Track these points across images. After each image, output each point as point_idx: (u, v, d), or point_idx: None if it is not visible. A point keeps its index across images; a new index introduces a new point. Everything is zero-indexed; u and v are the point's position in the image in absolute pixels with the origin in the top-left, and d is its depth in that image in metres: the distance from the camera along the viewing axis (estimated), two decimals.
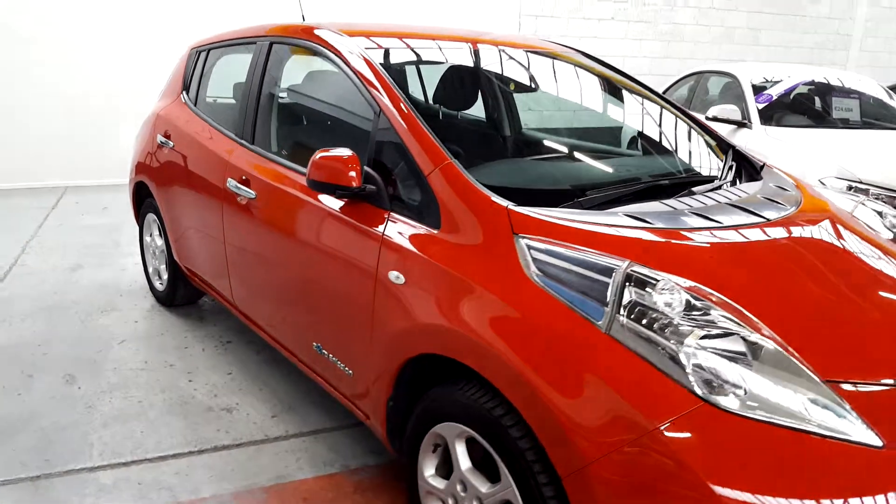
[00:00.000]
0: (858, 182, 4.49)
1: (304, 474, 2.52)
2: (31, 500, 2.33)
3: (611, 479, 1.48)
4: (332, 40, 2.57)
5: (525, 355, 1.64)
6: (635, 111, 3.01)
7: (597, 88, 3.09)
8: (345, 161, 2.11)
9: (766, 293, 1.74)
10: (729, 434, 1.43)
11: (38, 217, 5.86)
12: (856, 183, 4.48)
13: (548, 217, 1.86)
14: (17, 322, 3.73)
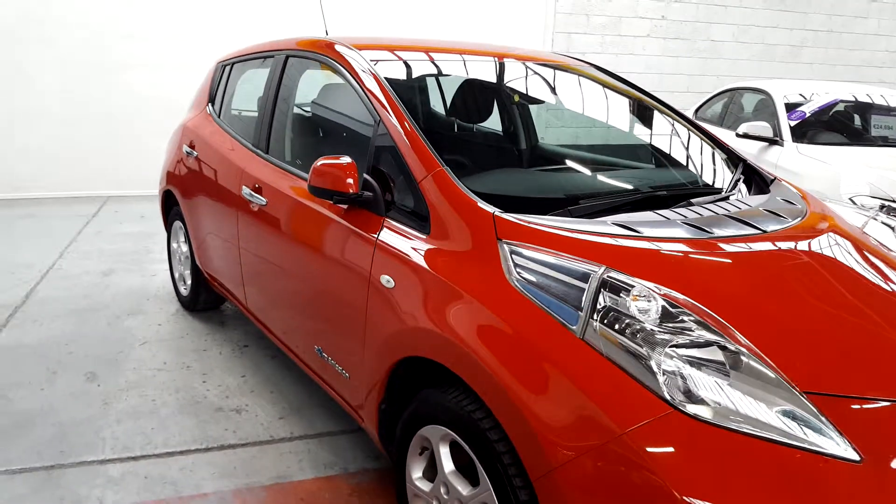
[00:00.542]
0: (891, 200, 4.40)
1: (304, 475, 2.57)
2: (44, 487, 2.44)
3: (579, 483, 1.49)
4: (341, 53, 2.65)
5: (501, 359, 1.66)
6: (645, 124, 3.01)
7: (607, 101, 3.11)
8: (343, 168, 2.18)
9: (748, 304, 1.73)
10: (700, 443, 1.42)
11: (79, 224, 6.09)
12: (888, 201, 4.39)
13: (533, 224, 1.89)
14: (48, 322, 3.89)
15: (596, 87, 3.08)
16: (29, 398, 3.04)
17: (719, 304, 1.67)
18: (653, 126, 2.98)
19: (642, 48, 9.21)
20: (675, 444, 1.42)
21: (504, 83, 2.97)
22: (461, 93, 2.88)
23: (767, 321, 1.68)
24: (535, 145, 3.15)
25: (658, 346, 1.52)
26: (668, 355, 1.51)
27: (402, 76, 2.60)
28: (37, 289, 4.42)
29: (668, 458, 1.41)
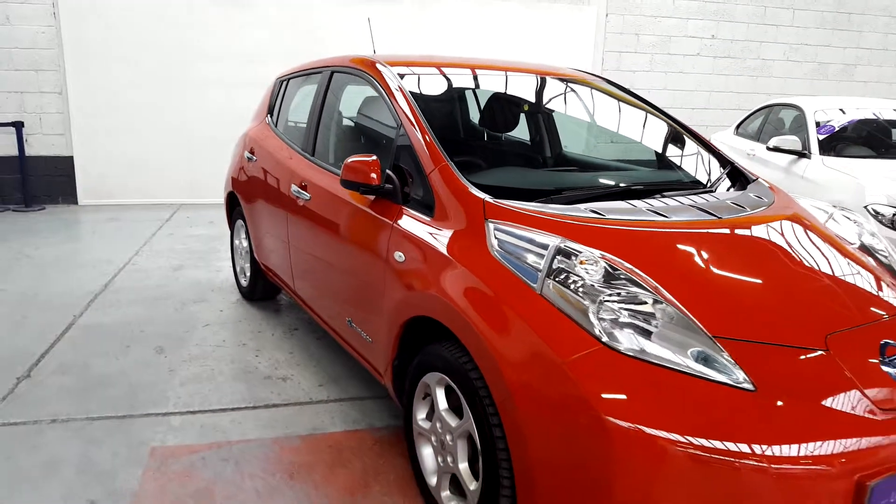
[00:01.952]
0: None
1: (335, 429, 2.97)
2: (117, 431, 2.91)
3: (529, 403, 1.83)
4: (373, 69, 3.08)
5: (479, 312, 2.03)
6: (643, 130, 3.33)
7: (611, 109, 3.44)
8: (368, 164, 2.59)
9: (679, 270, 2.06)
10: (622, 373, 1.75)
11: (154, 227, 6.74)
12: None
13: (515, 207, 2.25)
14: (124, 307, 4.44)
15: (603, 98, 3.42)
16: (106, 365, 3.56)
17: (654, 269, 2.00)
18: (651, 132, 3.29)
19: (692, 66, 9.42)
20: (601, 373, 1.75)
21: (516, 93, 3.35)
22: (475, 102, 3.27)
23: (692, 283, 2.01)
24: (539, 147, 3.51)
25: (596, 298, 1.86)
26: (604, 305, 1.85)
27: (423, 87, 3.01)
28: (114, 280, 5.01)
29: (595, 383, 1.74)
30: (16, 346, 3.77)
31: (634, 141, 3.33)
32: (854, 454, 1.70)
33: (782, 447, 1.66)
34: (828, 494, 1.69)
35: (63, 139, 7.67)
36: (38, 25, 7.34)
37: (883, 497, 1.74)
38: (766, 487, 1.64)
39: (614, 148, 3.44)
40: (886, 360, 1.91)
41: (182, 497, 2.47)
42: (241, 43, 7.81)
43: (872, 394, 1.81)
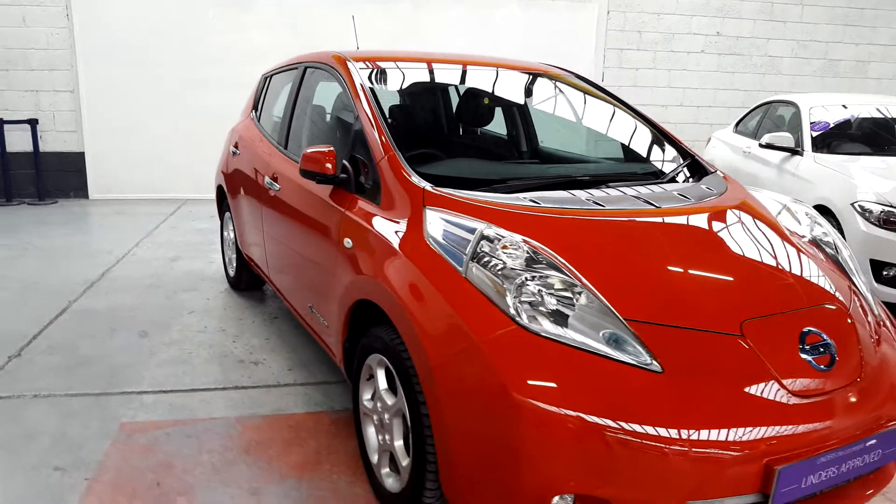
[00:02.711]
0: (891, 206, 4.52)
1: (297, 410, 3.10)
2: (93, 406, 3.07)
3: (448, 381, 1.93)
4: (337, 63, 3.20)
5: (408, 293, 2.14)
6: (608, 124, 3.40)
7: (578, 104, 3.51)
8: (324, 154, 2.70)
9: (599, 256, 2.14)
10: (534, 352, 1.84)
11: (158, 221, 6.95)
12: (889, 207, 4.51)
13: (453, 195, 2.36)
14: (117, 294, 4.62)
15: (570, 92, 3.50)
16: (91, 346, 3.73)
17: (575, 255, 2.08)
18: (614, 126, 3.36)
19: (696, 64, 9.41)
20: (514, 352, 1.84)
21: (478, 87, 3.44)
22: (437, 95, 3.37)
23: (611, 268, 2.09)
24: (498, 139, 3.59)
25: (514, 281, 1.95)
26: (522, 288, 1.94)
27: (385, 81, 3.12)
28: (112, 269, 5.20)
29: (508, 361, 1.83)
30: (11, 328, 3.96)
31: (597, 134, 3.41)
32: (762, 437, 1.76)
33: (687, 428, 1.73)
34: (734, 476, 1.76)
35: (75, 136, 7.92)
36: (52, 27, 7.59)
37: (790, 482, 1.80)
38: (668, 466, 1.72)
39: (577, 140, 3.51)
40: (806, 347, 1.97)
41: (142, 468, 2.61)
42: (243, 44, 7.99)
43: (787, 379, 1.87)
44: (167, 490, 2.48)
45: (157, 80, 7.94)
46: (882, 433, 1.95)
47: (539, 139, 3.62)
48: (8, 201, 7.74)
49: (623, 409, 1.74)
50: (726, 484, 1.76)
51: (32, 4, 7.49)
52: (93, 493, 2.45)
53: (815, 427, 1.82)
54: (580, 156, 3.32)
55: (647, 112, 9.56)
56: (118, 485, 2.50)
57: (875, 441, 1.94)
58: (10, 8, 7.46)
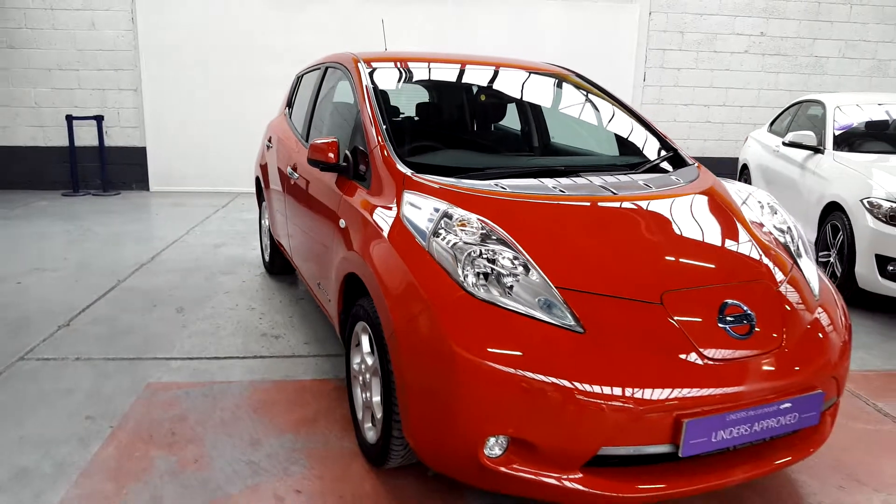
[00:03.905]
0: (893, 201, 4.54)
1: (305, 377, 3.43)
2: (126, 369, 3.46)
3: (406, 339, 2.20)
4: (348, 63, 3.51)
5: (381, 266, 2.42)
6: (599, 118, 3.61)
7: (571, 100, 3.73)
8: (328, 145, 3.02)
9: (544, 234, 2.37)
10: (477, 315, 2.09)
11: (209, 212, 7.44)
12: None
13: (428, 180, 2.62)
14: (163, 274, 5.06)
15: (565, 89, 3.72)
16: (131, 319, 4.15)
17: (522, 233, 2.32)
18: (602, 120, 3.57)
19: (739, 64, 9.39)
20: (460, 314, 2.10)
21: (475, 84, 3.70)
22: (434, 91, 3.64)
23: (552, 245, 2.32)
24: (489, 132, 3.83)
25: (465, 254, 2.21)
26: (474, 261, 2.20)
27: (389, 80, 3.41)
28: (161, 254, 5.66)
29: (453, 322, 2.09)
30: (65, 302, 4.42)
31: (588, 128, 3.62)
32: (672, 393, 1.98)
33: (602, 382, 1.96)
34: (645, 427, 1.98)
35: (138, 132, 8.51)
36: (118, 30, 8.20)
37: (698, 435, 2.01)
38: (584, 415, 1.95)
39: (569, 134, 3.71)
40: (724, 317, 2.17)
41: (160, 419, 2.97)
42: (297, 44, 8.42)
43: (700, 344, 2.08)
44: (180, 438, 2.83)
45: (215, 80, 8.45)
46: (798, 398, 2.13)
47: (534, 133, 3.85)
48: (75, 192, 8.39)
49: (546, 364, 1.98)
50: (638, 434, 1.98)
51: (101, 9, 8.11)
52: (115, 437, 2.82)
53: (726, 388, 2.02)
54: (568, 148, 3.53)
55: (690, 112, 9.64)
56: (138, 432, 2.87)
57: (790, 405, 2.12)
58: (82, 12, 8.10)
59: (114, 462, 2.65)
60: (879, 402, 3.36)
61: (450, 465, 2.17)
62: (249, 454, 2.72)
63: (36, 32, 8.13)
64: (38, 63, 8.22)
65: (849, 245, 4.77)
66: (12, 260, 5.43)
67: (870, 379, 3.65)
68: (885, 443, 2.98)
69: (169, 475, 2.57)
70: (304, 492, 2.49)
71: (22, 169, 8.45)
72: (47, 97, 8.31)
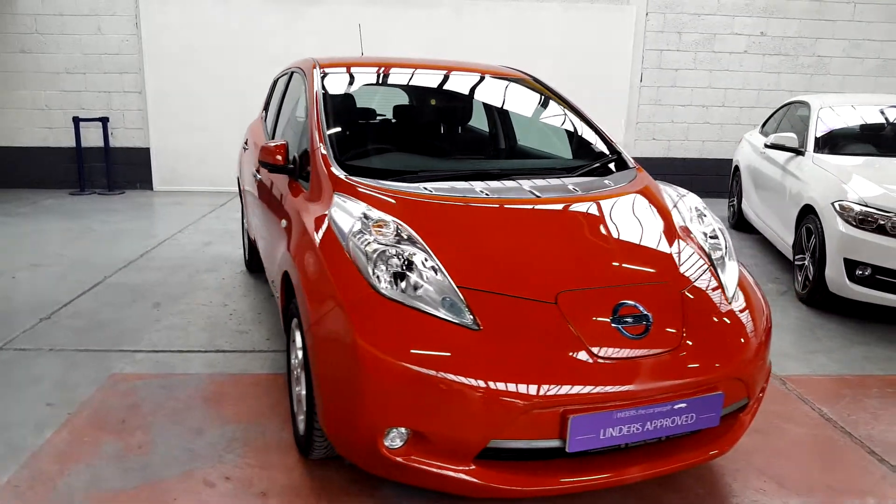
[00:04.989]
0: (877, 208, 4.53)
1: (262, 371, 3.57)
2: (94, 360, 3.64)
3: (320, 333, 2.33)
4: (307, 69, 3.64)
5: (304, 265, 2.55)
6: (548, 122, 3.70)
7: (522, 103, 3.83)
8: (276, 148, 3.15)
9: (454, 235, 2.49)
10: (383, 312, 2.22)
11: (206, 211, 7.65)
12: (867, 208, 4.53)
13: (358, 183, 2.75)
14: (149, 271, 5.25)
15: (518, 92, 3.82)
16: (109, 313, 4.34)
17: (433, 234, 2.44)
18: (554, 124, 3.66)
19: (739, 64, 9.36)
20: (367, 311, 2.22)
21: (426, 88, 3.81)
22: (383, 96, 3.78)
23: (460, 246, 2.43)
24: (435, 136, 3.92)
25: (377, 254, 2.33)
26: (386, 261, 2.31)
27: (340, 85, 3.54)
28: (151, 251, 5.86)
29: (360, 318, 2.21)
30: (50, 296, 4.63)
31: (535, 131, 3.71)
32: (559, 390, 2.07)
33: (492, 377, 2.06)
34: (532, 422, 2.08)
35: (142, 133, 8.76)
36: (123, 34, 8.45)
37: (584, 431, 2.10)
38: (473, 409, 2.05)
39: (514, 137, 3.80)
40: (618, 317, 2.25)
41: (115, 408, 3.14)
42: (297, 49, 8.51)
43: (591, 342, 2.17)
44: (129, 426, 2.99)
45: (217, 82, 8.65)
46: (695, 398, 2.20)
47: (481, 136, 3.95)
48: (81, 191, 8.66)
49: (441, 360, 2.09)
50: (526, 428, 2.08)
51: (107, 14, 8.36)
52: (70, 424, 2.99)
53: (614, 386, 2.10)
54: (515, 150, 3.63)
55: (688, 113, 9.61)
56: (91, 419, 3.03)
57: (685, 405, 2.19)
58: (89, 18, 8.36)
59: (64, 446, 2.82)
60: (825, 406, 3.38)
61: (356, 455, 2.29)
62: (191, 442, 2.87)
63: (46, 37, 8.42)
64: (47, 67, 8.50)
65: (820, 248, 4.78)
66: (11, 255, 5.67)
67: (822, 383, 3.67)
68: (819, 448, 3.01)
69: (112, 459, 2.73)
70: (232, 478, 2.62)
71: (32, 169, 8.74)
72: (56, 100, 8.60)
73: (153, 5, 8.39)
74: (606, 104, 9.20)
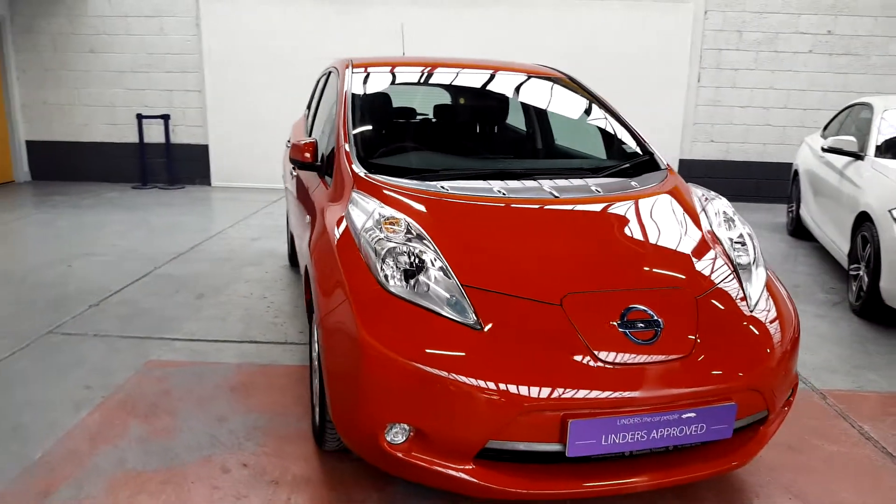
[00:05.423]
0: None
1: (291, 363, 3.64)
2: (134, 346, 3.79)
3: (330, 323, 2.37)
4: (341, 68, 3.70)
5: (319, 260, 2.60)
6: (581, 121, 3.65)
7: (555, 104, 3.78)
8: (306, 145, 3.22)
9: (463, 235, 2.49)
10: (389, 309, 2.23)
11: (258, 207, 7.84)
12: None
13: (376, 181, 2.77)
14: (196, 264, 5.43)
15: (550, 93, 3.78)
16: (153, 302, 4.50)
17: (443, 233, 2.45)
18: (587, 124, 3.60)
19: (803, 64, 9.02)
20: (374, 308, 2.24)
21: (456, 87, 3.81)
22: (412, 95, 3.80)
23: (468, 245, 2.43)
24: (464, 135, 3.91)
25: (387, 252, 2.34)
26: (396, 259, 2.33)
27: (371, 84, 3.58)
28: (201, 245, 6.05)
29: (367, 313, 2.23)
30: (101, 284, 4.84)
31: (564, 131, 3.66)
32: (561, 392, 2.04)
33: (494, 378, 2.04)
34: (532, 424, 2.05)
35: (201, 130, 9.05)
36: (184, 35, 8.75)
37: (585, 436, 2.05)
38: (474, 408, 2.04)
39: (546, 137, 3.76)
40: (626, 321, 2.21)
41: (147, 392, 3.26)
42: (351, 48, 8.68)
43: (597, 347, 2.13)
44: (158, 410, 3.10)
45: (273, 82, 8.87)
46: (704, 409, 2.13)
47: (510, 135, 3.91)
48: (143, 185, 9.01)
49: (441, 358, 2.09)
50: (525, 430, 2.05)
51: (169, 16, 8.67)
52: (104, 405, 3.12)
53: (617, 391, 2.06)
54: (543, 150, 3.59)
55: (748, 114, 9.33)
56: (124, 403, 3.16)
57: (694, 415, 2.12)
58: (152, 19, 8.69)
59: (96, 427, 2.94)
60: (866, 424, 3.22)
61: (360, 448, 2.31)
62: (214, 429, 2.95)
63: (112, 38, 8.79)
64: (113, 66, 8.88)
65: (875, 258, 4.56)
66: (70, 245, 5.95)
67: (867, 400, 3.50)
68: (853, 466, 2.86)
69: (138, 441, 2.84)
70: (249, 465, 2.69)
71: (99, 163, 9.14)
72: (121, 97, 8.97)
73: (213, 6, 8.66)
74: (662, 105, 9.02)
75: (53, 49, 8.92)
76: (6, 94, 8.90)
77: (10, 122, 9.00)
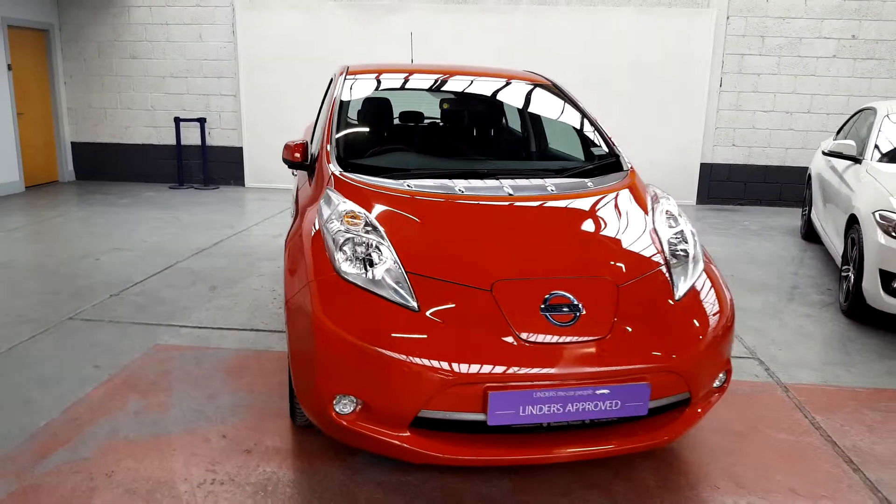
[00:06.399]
0: None
1: (281, 349, 3.94)
2: (144, 332, 4.14)
3: (292, 305, 2.64)
4: (337, 75, 3.99)
5: (292, 249, 2.88)
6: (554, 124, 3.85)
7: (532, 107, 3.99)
8: (295, 146, 3.52)
9: (414, 228, 2.74)
10: (341, 292, 2.49)
11: (285, 206, 8.21)
12: None
13: (348, 178, 3.05)
14: (216, 258, 5.79)
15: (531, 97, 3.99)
16: (170, 293, 4.87)
17: (396, 226, 2.70)
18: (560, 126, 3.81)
19: (826, 69, 8.99)
20: (329, 291, 2.51)
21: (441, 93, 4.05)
22: (399, 100, 4.05)
23: (416, 237, 2.68)
24: (439, 138, 4.14)
25: (343, 241, 2.61)
26: (354, 248, 2.59)
27: (360, 89, 3.86)
28: (223, 241, 6.43)
29: (322, 296, 2.49)
30: (124, 276, 5.23)
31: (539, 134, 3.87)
32: (482, 366, 2.28)
33: (425, 354, 2.29)
34: (458, 395, 2.29)
35: (236, 133, 9.49)
36: (221, 41, 9.21)
37: (504, 407, 2.29)
38: (406, 380, 2.29)
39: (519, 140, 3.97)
40: (548, 305, 2.43)
41: (150, 372, 3.59)
42: (375, 54, 9.03)
43: (519, 328, 2.36)
44: (155, 388, 3.43)
45: (304, 87, 9.23)
46: (618, 386, 2.34)
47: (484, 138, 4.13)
48: (180, 185, 9.50)
49: (381, 336, 2.34)
50: (453, 400, 2.29)
51: (207, 23, 9.14)
52: (108, 382, 3.47)
53: (534, 367, 2.28)
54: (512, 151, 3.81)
55: (771, 119, 9.36)
56: (126, 380, 3.50)
57: (608, 391, 2.33)
58: (191, 26, 9.18)
59: (98, 401, 3.28)
60: (820, 416, 3.34)
61: (316, 419, 2.58)
62: (203, 405, 3.26)
63: (153, 44, 9.31)
64: (154, 71, 9.39)
65: (859, 259, 4.64)
66: (101, 240, 6.40)
67: (828, 393, 3.61)
68: (795, 454, 3.00)
69: (133, 414, 3.16)
70: (228, 437, 2.99)
71: (139, 164, 9.67)
72: (160, 101, 9.48)
73: (249, 14, 9.09)
74: (683, 109, 9.10)
75: (98, 55, 9.49)
76: (54, 99, 9.51)
77: (57, 124, 9.60)
